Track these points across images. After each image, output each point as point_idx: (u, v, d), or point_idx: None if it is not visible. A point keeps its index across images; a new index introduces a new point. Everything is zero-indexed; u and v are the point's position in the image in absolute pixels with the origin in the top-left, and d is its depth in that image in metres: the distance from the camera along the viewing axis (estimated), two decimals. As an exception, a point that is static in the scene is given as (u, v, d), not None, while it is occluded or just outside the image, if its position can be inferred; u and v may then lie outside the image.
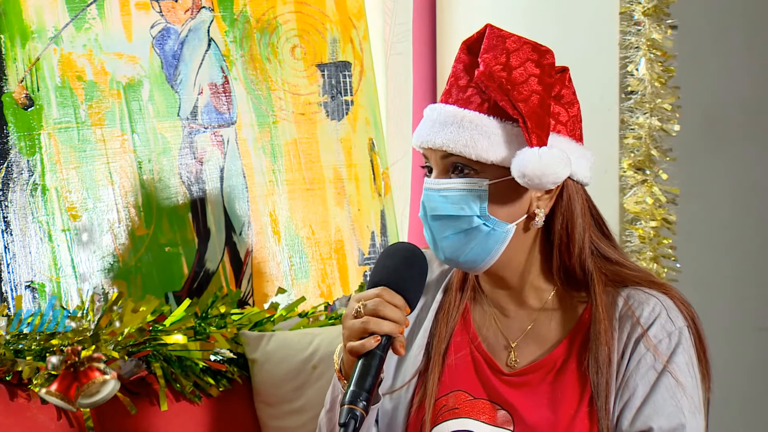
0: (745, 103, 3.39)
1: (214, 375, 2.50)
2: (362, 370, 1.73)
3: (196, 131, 2.67)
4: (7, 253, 2.43)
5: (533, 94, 1.81)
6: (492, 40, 1.83)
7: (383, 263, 1.84)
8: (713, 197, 3.38)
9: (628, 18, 2.88)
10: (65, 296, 2.48)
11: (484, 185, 1.82)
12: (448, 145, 1.82)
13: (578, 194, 1.88)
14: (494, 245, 1.84)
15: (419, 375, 1.92)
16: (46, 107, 2.49)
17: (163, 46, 2.64)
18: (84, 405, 2.27)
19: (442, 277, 2.01)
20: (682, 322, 1.85)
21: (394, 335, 1.76)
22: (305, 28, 2.82)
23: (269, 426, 2.50)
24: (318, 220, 2.81)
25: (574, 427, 1.81)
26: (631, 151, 2.89)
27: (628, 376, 1.82)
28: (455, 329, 1.94)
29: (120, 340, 2.40)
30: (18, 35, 2.47)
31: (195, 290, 2.63)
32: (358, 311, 1.77)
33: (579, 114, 1.90)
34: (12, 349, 2.32)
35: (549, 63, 1.84)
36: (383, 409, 1.92)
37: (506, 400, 1.86)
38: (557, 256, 1.88)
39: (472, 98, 1.84)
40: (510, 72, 1.81)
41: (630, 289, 1.87)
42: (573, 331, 1.88)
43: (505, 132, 1.82)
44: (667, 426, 1.79)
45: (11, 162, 2.45)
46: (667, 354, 1.82)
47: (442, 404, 1.89)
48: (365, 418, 1.70)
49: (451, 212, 1.83)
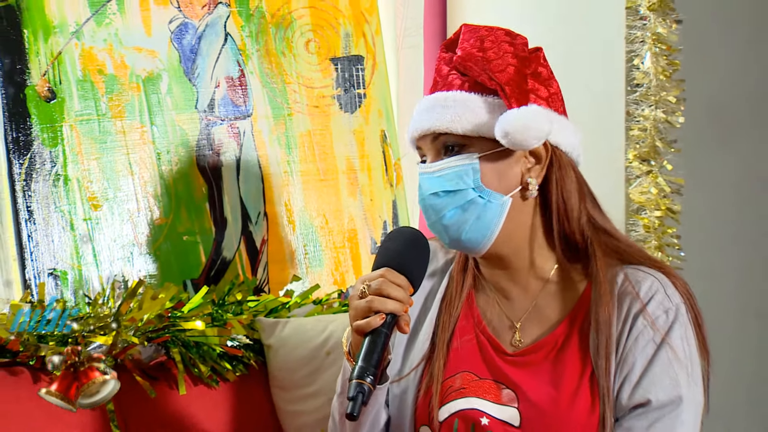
0: (748, 96, 3.39)
1: (230, 360, 2.50)
2: (369, 347, 1.75)
3: (213, 123, 2.68)
4: (31, 241, 2.44)
5: (509, 66, 1.84)
6: (467, 34, 1.89)
7: (386, 246, 1.86)
8: (717, 188, 3.37)
9: (634, 13, 2.88)
10: (87, 284, 2.49)
11: (475, 158, 1.84)
12: (435, 125, 1.85)
13: (569, 165, 1.90)
14: (493, 218, 1.86)
15: (426, 361, 1.94)
16: (68, 100, 2.50)
17: (181, 40, 2.65)
18: (84, 405, 2.24)
19: (446, 266, 2.03)
20: (679, 299, 1.86)
21: (398, 314, 1.78)
22: (319, 23, 2.84)
23: (284, 410, 2.50)
24: (331, 209, 2.82)
25: (575, 402, 1.82)
26: (637, 143, 2.89)
27: (627, 350, 1.83)
28: (460, 315, 1.96)
29: (140, 326, 2.40)
30: (41, 30, 2.48)
31: (212, 278, 2.65)
32: (363, 292, 1.80)
33: (560, 93, 1.93)
34: (35, 335, 2.32)
35: (522, 43, 1.89)
36: (393, 393, 1.95)
37: (510, 379, 1.87)
38: (556, 223, 1.90)
39: (454, 81, 1.88)
40: (485, 52, 1.86)
41: (628, 267, 1.88)
42: (574, 309, 1.90)
43: (486, 104, 1.84)
44: (665, 398, 1.80)
45: (34, 153, 2.46)
46: (665, 329, 1.83)
47: (448, 385, 1.90)
48: (372, 393, 1.73)
49: (447, 188, 1.86)
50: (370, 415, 1.91)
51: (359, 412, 1.70)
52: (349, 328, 1.82)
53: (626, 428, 1.80)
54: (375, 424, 1.93)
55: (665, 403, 1.79)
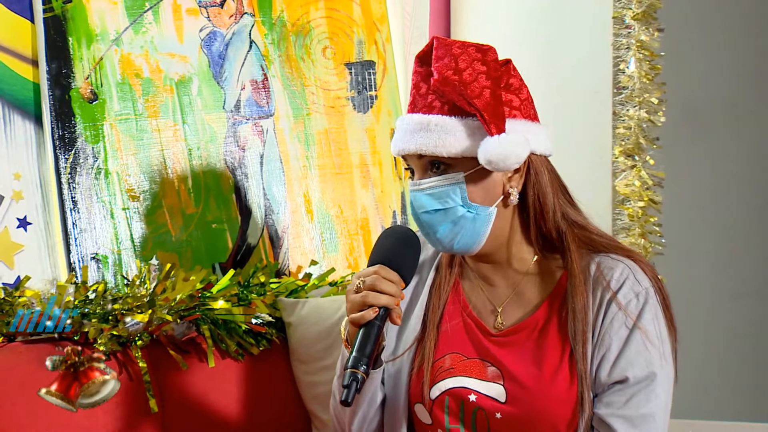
0: (723, 98, 3.38)
1: (255, 336, 2.51)
2: (363, 338, 1.75)
3: (239, 122, 2.67)
4: (75, 228, 2.44)
5: (484, 89, 1.80)
6: (440, 50, 1.83)
7: (381, 244, 1.85)
8: (694, 180, 3.37)
9: (619, 22, 2.84)
10: (125, 267, 2.49)
11: (461, 177, 1.82)
12: (420, 149, 1.82)
13: (543, 167, 1.88)
14: (481, 228, 1.85)
15: (418, 342, 1.94)
16: (108, 101, 2.50)
17: (210, 47, 2.64)
18: (84, 405, 2.13)
19: (435, 255, 2.01)
20: (648, 283, 1.86)
21: (391, 307, 1.78)
22: (335, 31, 2.83)
23: (303, 381, 2.51)
24: (346, 200, 2.82)
25: (556, 380, 1.83)
26: (622, 140, 2.86)
27: (603, 332, 1.83)
28: (448, 301, 1.95)
29: (173, 305, 2.40)
30: (84, 38, 2.47)
31: (238, 262, 2.64)
32: (358, 287, 1.79)
33: (529, 96, 1.89)
34: (80, 313, 2.32)
35: (493, 59, 1.83)
36: (388, 372, 1.94)
37: (495, 357, 1.87)
38: (534, 224, 1.88)
39: (434, 103, 1.84)
40: (461, 74, 1.80)
41: (600, 256, 1.88)
42: (552, 294, 1.89)
43: (467, 127, 1.81)
44: (641, 374, 1.81)
45: (78, 149, 2.45)
46: (636, 312, 1.83)
47: (439, 366, 1.91)
48: (366, 381, 1.73)
49: (437, 206, 1.84)
50: (367, 395, 1.92)
51: (353, 399, 1.70)
52: (347, 318, 1.82)
53: (606, 403, 1.81)
54: (372, 403, 1.94)
55: (641, 379, 1.80)
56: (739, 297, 3.43)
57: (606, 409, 1.81)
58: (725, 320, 3.42)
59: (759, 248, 3.48)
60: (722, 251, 3.43)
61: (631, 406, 1.80)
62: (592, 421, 1.82)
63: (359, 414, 1.94)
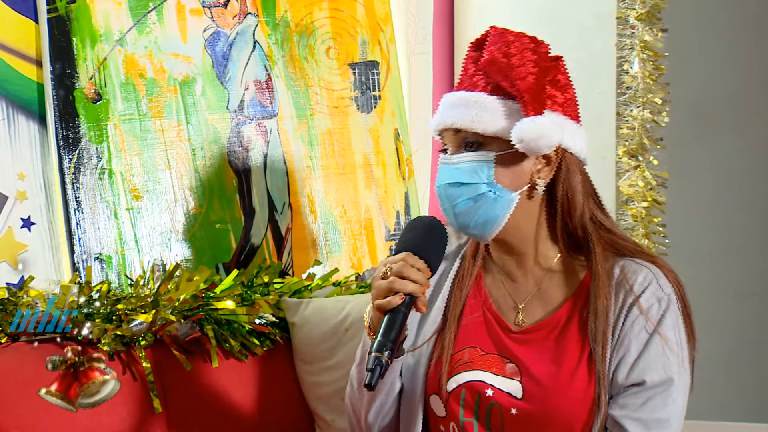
0: (727, 98, 3.38)
1: (258, 336, 2.50)
2: (388, 323, 1.75)
3: (242, 122, 2.67)
4: (79, 228, 2.43)
5: (529, 74, 1.83)
6: (495, 37, 1.87)
7: (408, 232, 1.86)
8: (698, 181, 3.37)
9: (623, 22, 2.86)
10: (129, 267, 2.49)
11: (491, 156, 1.83)
12: (456, 122, 1.85)
13: (576, 168, 1.88)
14: (501, 211, 1.84)
15: (438, 334, 1.94)
16: (112, 101, 2.49)
17: (214, 47, 2.64)
18: (84, 405, 2.11)
19: (458, 249, 2.01)
20: (670, 289, 1.86)
21: (417, 295, 1.78)
22: (338, 31, 2.83)
23: (307, 381, 2.50)
24: (349, 200, 2.81)
25: (574, 380, 1.82)
26: (626, 140, 2.88)
27: (623, 335, 1.83)
28: (469, 294, 1.95)
29: (177, 305, 2.39)
30: (88, 38, 2.47)
31: (242, 262, 2.64)
32: (385, 273, 1.79)
33: (575, 98, 1.90)
34: (83, 313, 2.31)
35: (544, 51, 1.86)
36: (406, 363, 1.94)
37: (514, 354, 1.87)
38: (560, 220, 1.88)
39: (478, 82, 1.86)
40: (510, 58, 1.84)
41: (625, 260, 1.87)
42: (575, 293, 1.89)
43: (506, 108, 1.83)
44: (658, 379, 1.81)
45: (82, 149, 2.45)
46: (658, 317, 1.83)
47: (457, 359, 1.90)
48: (389, 366, 1.73)
49: (463, 180, 1.84)
50: (386, 384, 1.91)
51: (377, 383, 1.70)
52: (371, 305, 1.82)
53: (621, 405, 1.81)
54: (390, 392, 1.93)
55: (658, 383, 1.80)
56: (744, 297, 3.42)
57: (621, 410, 1.81)
58: (729, 320, 3.42)
59: (763, 249, 3.48)
60: (726, 252, 3.43)
61: (647, 409, 1.80)
62: (606, 422, 1.82)
63: (376, 403, 1.93)
